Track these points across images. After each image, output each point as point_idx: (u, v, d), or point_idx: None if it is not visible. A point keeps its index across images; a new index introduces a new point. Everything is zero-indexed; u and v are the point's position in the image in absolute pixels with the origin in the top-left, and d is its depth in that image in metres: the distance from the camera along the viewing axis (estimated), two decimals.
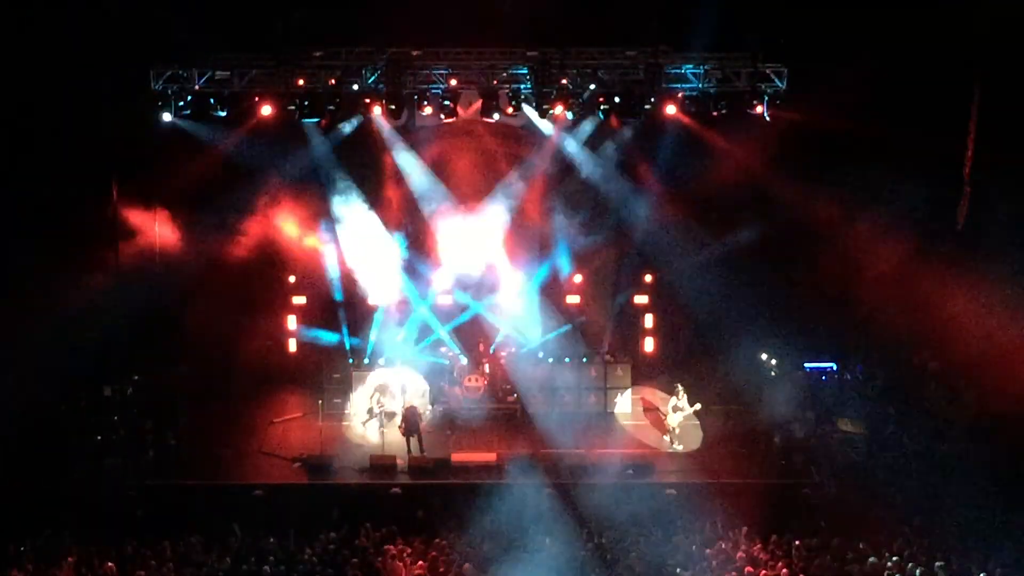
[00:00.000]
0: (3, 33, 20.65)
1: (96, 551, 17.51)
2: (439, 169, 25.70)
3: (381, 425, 23.03)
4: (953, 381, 22.93)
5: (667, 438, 22.82)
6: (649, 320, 26.32)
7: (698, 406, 22.62)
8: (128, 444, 21.92)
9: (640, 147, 24.79)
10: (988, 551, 17.21)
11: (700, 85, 22.83)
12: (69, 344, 22.04)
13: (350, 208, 25.43)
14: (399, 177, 25.60)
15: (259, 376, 25.30)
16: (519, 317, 25.74)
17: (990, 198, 22.31)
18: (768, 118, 22.46)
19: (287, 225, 25.36)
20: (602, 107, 23.02)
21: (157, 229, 24.67)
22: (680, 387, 22.86)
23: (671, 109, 22.87)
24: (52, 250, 22.25)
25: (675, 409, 22.67)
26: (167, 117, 22.57)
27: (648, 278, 26.21)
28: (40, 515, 18.91)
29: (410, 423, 22.37)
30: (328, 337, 25.84)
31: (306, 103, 22.67)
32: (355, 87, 22.91)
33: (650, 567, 16.98)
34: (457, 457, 22.00)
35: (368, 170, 25.47)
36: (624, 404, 24.73)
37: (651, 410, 23.91)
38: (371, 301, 25.87)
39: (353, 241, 25.61)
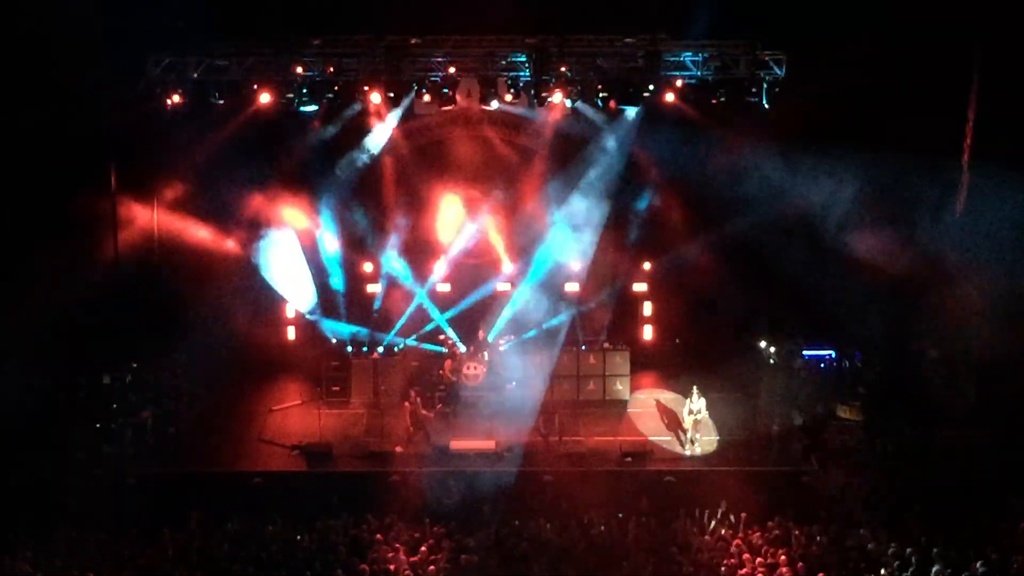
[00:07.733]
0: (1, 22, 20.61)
1: (95, 539, 17.55)
2: (438, 157, 25.67)
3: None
4: (952, 369, 22.94)
5: (683, 441, 22.27)
6: (648, 308, 26.32)
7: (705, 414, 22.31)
8: (127, 432, 21.91)
9: (639, 134, 24.72)
10: (985, 538, 17.26)
11: (699, 73, 22.82)
12: (68, 332, 22.03)
13: (348, 196, 25.36)
14: (398, 164, 25.57)
15: (258, 364, 25.31)
16: (518, 305, 25.70)
17: (990, 185, 22.29)
18: (767, 105, 22.45)
19: (285, 212, 25.27)
20: (601, 95, 23.01)
21: (156, 217, 24.70)
22: (696, 389, 22.28)
23: (670, 97, 22.87)
24: (51, 238, 22.20)
25: (690, 412, 22.18)
26: (165, 104, 22.60)
27: (647, 266, 26.18)
28: (39, 503, 18.97)
29: (415, 412, 22.46)
30: (327, 325, 25.80)
31: (304, 91, 22.73)
32: (354, 75, 22.87)
33: (649, 554, 17.00)
34: (456, 444, 22.02)
35: (367, 157, 25.37)
36: (623, 392, 24.71)
37: (666, 412, 23.71)
38: (370, 289, 25.87)
39: (351, 228, 25.59)
